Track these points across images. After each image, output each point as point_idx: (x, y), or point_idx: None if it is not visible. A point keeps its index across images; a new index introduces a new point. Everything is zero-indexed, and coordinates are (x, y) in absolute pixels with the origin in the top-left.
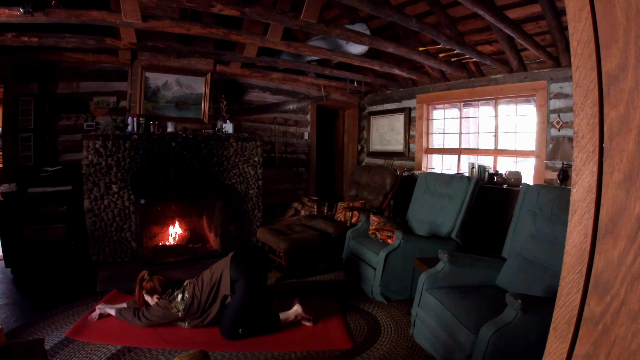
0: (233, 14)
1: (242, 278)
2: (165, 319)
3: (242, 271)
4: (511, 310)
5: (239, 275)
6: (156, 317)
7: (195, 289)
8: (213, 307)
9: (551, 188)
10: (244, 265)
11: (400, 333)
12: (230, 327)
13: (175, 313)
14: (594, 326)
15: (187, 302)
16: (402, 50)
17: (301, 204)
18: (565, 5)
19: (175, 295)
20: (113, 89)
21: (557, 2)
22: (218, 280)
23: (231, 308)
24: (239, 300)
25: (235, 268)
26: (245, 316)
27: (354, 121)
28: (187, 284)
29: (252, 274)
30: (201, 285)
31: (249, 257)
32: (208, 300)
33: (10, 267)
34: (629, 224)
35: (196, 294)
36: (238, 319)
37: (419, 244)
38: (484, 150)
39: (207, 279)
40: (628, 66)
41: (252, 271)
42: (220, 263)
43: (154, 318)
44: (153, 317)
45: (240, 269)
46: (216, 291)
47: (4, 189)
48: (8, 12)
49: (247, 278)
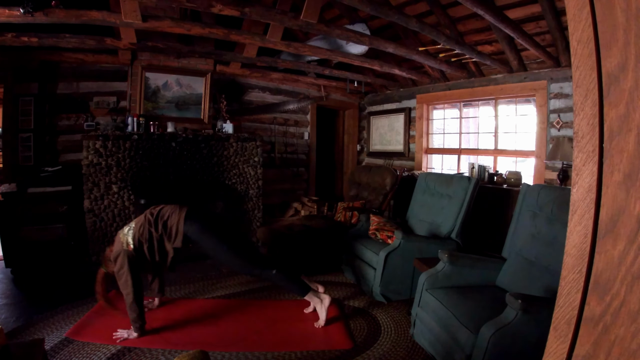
0: (233, 14)
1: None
2: (126, 265)
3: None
4: (511, 310)
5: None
6: (119, 266)
7: (142, 223)
8: (166, 244)
9: (551, 188)
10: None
11: (400, 333)
12: (242, 264)
13: (128, 247)
14: (594, 326)
15: (134, 232)
16: (402, 50)
17: (301, 204)
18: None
19: (123, 231)
20: (113, 89)
21: (557, 2)
22: (170, 227)
23: (221, 255)
24: (219, 245)
25: (194, 227)
26: (250, 254)
27: (354, 121)
28: (134, 219)
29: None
30: (150, 218)
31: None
32: (157, 231)
33: (10, 267)
34: (629, 224)
35: (145, 224)
36: (240, 255)
37: (419, 244)
38: (484, 150)
39: (154, 214)
40: (628, 66)
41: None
42: (173, 212)
43: (120, 270)
44: (120, 271)
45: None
46: (167, 233)
47: (4, 189)
48: (8, 12)
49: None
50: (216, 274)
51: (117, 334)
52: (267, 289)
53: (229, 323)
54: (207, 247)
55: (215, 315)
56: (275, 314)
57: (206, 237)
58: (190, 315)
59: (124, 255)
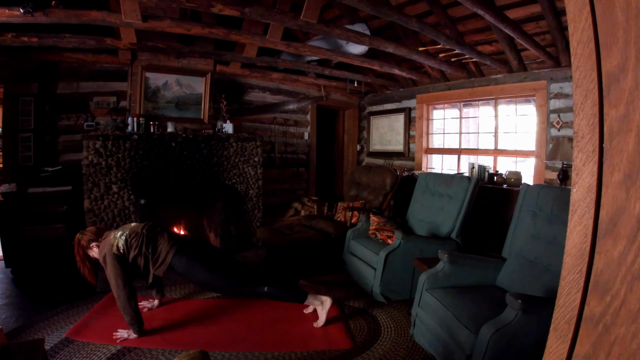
0: (233, 14)
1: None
2: (117, 268)
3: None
4: (511, 310)
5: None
6: (110, 268)
7: (136, 234)
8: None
9: (551, 188)
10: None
11: (400, 333)
12: (233, 286)
13: (117, 251)
14: (594, 326)
15: (126, 238)
16: (402, 50)
17: (301, 204)
18: (565, 5)
19: (116, 233)
20: (113, 89)
21: (557, 2)
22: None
23: (209, 281)
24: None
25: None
26: (239, 275)
27: (354, 121)
28: (131, 225)
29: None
30: (145, 234)
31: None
32: (146, 251)
33: (10, 267)
34: (629, 224)
35: (140, 237)
36: (229, 278)
37: (419, 244)
38: (484, 150)
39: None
40: (628, 66)
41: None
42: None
43: (110, 272)
44: (110, 272)
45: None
46: (154, 258)
47: (4, 189)
48: (8, 12)
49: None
50: None
51: (117, 334)
52: None
53: (229, 323)
54: (195, 278)
55: (215, 315)
56: (275, 314)
57: (193, 268)
58: (190, 315)
59: (114, 258)
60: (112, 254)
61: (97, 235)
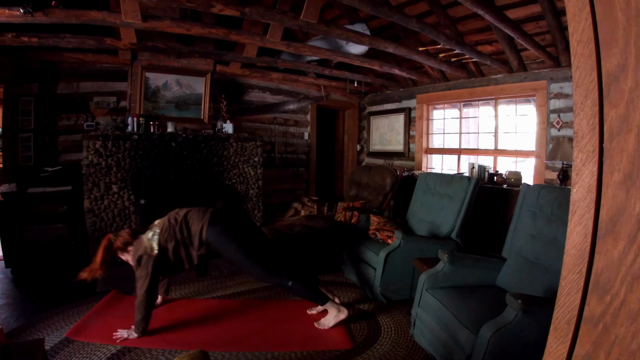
0: (233, 14)
1: (223, 245)
2: (151, 267)
3: (224, 239)
4: (511, 310)
5: (219, 242)
6: (143, 270)
7: (165, 227)
8: (191, 251)
9: (551, 188)
10: (226, 231)
11: (400, 333)
12: (261, 272)
13: (152, 252)
14: (594, 326)
15: (159, 238)
16: (402, 50)
17: (301, 204)
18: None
19: (146, 236)
20: (113, 89)
21: (557, 2)
22: (194, 235)
23: (240, 262)
24: (239, 253)
25: (215, 234)
26: (270, 262)
27: (354, 121)
28: (158, 222)
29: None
30: (174, 224)
31: (228, 217)
32: (183, 238)
33: (10, 267)
34: (629, 224)
35: (170, 234)
36: (259, 264)
37: (419, 244)
38: (484, 150)
39: (179, 221)
40: (628, 66)
41: (235, 227)
42: (196, 216)
43: (142, 273)
44: (141, 274)
45: (221, 236)
46: (191, 242)
47: (4, 189)
48: (8, 12)
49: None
50: (217, 274)
51: (117, 334)
52: (267, 289)
53: (229, 323)
54: (226, 253)
55: (215, 315)
56: (275, 314)
57: (226, 243)
58: (190, 315)
59: (150, 260)
60: (148, 255)
61: (132, 238)
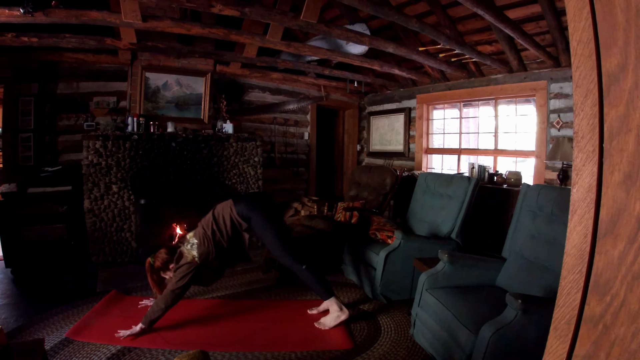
0: (233, 14)
1: (255, 213)
2: (191, 272)
3: (252, 207)
4: (511, 310)
5: (250, 211)
6: (183, 273)
7: (200, 234)
8: (229, 246)
9: (551, 188)
10: (252, 202)
11: (400, 333)
12: (282, 252)
13: (193, 260)
14: (594, 326)
15: (198, 246)
16: (402, 50)
17: (301, 204)
18: (565, 5)
19: (185, 248)
20: (113, 89)
21: (557, 2)
22: (225, 223)
23: (269, 241)
24: (268, 232)
25: (244, 207)
26: (289, 241)
27: (354, 121)
28: (191, 234)
29: (264, 207)
30: (206, 229)
31: (253, 197)
32: (216, 238)
33: (10, 267)
34: (629, 224)
35: (206, 236)
36: (281, 239)
37: (419, 244)
38: (484, 150)
39: (208, 221)
40: (628, 66)
41: (262, 205)
42: (223, 207)
43: (181, 274)
44: (180, 274)
45: (249, 205)
46: (226, 232)
47: (4, 189)
48: (8, 12)
49: (260, 211)
50: None
51: (119, 334)
52: (267, 289)
53: (229, 323)
54: (254, 222)
55: (215, 315)
56: (275, 314)
57: (252, 212)
58: (190, 315)
59: (192, 267)
60: (191, 264)
61: (171, 255)
